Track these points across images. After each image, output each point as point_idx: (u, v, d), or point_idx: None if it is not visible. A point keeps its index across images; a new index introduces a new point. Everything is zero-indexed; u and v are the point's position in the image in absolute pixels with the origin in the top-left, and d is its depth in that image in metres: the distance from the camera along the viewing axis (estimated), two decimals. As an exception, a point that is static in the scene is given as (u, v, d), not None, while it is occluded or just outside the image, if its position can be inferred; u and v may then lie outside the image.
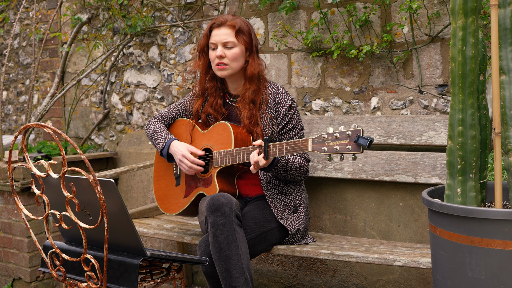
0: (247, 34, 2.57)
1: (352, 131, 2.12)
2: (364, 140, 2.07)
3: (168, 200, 2.77)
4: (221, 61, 2.55)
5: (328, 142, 2.18)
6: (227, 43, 2.54)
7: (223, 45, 2.55)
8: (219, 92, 2.68)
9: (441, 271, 1.78)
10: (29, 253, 3.36)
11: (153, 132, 2.75)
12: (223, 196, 2.35)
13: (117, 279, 1.90)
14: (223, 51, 2.54)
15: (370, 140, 2.06)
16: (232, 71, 2.57)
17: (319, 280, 3.06)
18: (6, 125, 4.84)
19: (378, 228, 2.85)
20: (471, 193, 1.81)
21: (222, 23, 2.55)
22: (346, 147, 2.13)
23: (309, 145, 2.23)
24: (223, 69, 2.56)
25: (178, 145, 2.63)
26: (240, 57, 2.56)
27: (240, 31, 2.55)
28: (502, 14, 1.78)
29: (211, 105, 2.67)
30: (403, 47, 2.89)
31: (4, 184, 3.36)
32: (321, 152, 2.19)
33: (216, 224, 2.30)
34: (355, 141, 2.09)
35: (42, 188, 1.81)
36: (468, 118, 1.79)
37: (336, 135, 2.16)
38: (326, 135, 2.19)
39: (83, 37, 4.13)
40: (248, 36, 2.57)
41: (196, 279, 3.48)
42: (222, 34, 2.54)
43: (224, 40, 2.54)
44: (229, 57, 2.54)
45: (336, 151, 2.15)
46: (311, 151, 2.23)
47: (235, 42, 2.54)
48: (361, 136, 2.08)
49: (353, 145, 2.11)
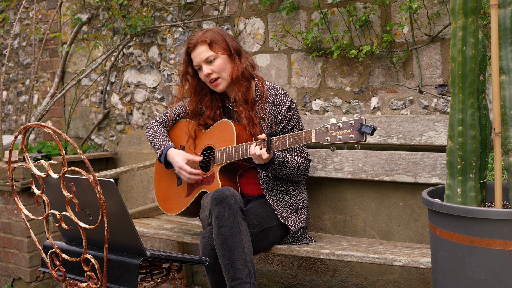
0: (222, 42, 2.59)
1: (355, 120, 2.13)
2: (367, 128, 2.07)
3: (170, 200, 2.77)
4: (212, 77, 2.58)
5: (331, 132, 2.18)
6: (207, 58, 2.57)
7: (205, 63, 2.58)
8: (216, 102, 2.71)
9: (441, 271, 1.78)
10: (29, 253, 3.36)
11: (152, 137, 2.78)
12: (228, 189, 2.36)
13: (117, 279, 1.90)
14: (208, 67, 2.58)
15: (373, 128, 2.06)
16: (226, 82, 2.60)
17: (319, 280, 3.06)
18: (6, 125, 4.84)
19: (378, 228, 2.85)
20: (471, 193, 1.81)
21: (195, 44, 2.59)
22: (349, 136, 2.13)
23: (312, 135, 2.23)
24: (217, 84, 2.60)
25: (174, 155, 2.65)
26: (226, 66, 2.59)
27: (213, 42, 2.58)
28: (502, 14, 1.78)
29: (209, 117, 2.69)
30: (403, 47, 2.89)
31: (4, 184, 3.36)
32: (324, 142, 2.19)
33: (221, 216, 2.30)
34: (358, 129, 2.09)
35: (42, 188, 1.81)
36: (468, 118, 1.79)
37: (339, 125, 2.16)
38: (329, 126, 2.19)
39: (83, 37, 4.13)
40: (224, 43, 2.60)
41: (196, 279, 3.48)
42: (199, 53, 2.58)
43: (204, 58, 2.57)
44: (215, 70, 2.57)
45: (340, 141, 2.15)
46: (314, 142, 2.22)
47: (213, 54, 2.57)
48: (364, 124, 2.08)
49: (357, 134, 2.11)
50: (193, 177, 2.61)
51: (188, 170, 2.60)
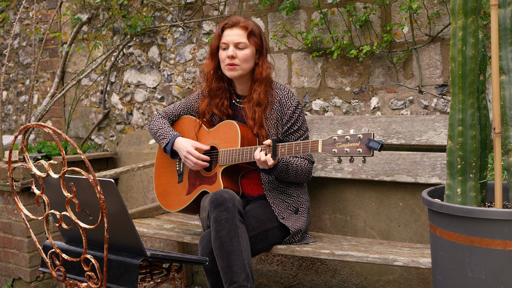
0: (258, 36, 2.59)
1: (363, 134, 2.12)
2: (375, 143, 2.07)
3: (170, 197, 2.77)
4: (232, 61, 2.56)
5: (339, 144, 2.18)
6: (239, 44, 2.55)
7: (234, 46, 2.56)
8: (225, 93, 2.68)
9: (441, 271, 1.78)
10: (29, 253, 3.36)
11: (157, 128, 2.74)
12: (227, 192, 2.36)
13: (117, 279, 1.90)
14: (235, 51, 2.55)
15: (382, 144, 2.06)
16: (242, 72, 2.58)
17: (319, 280, 3.06)
18: (6, 125, 4.84)
19: (378, 228, 2.85)
20: (471, 193, 1.81)
21: (235, 24, 2.57)
22: (357, 150, 2.13)
23: (319, 146, 2.23)
24: (233, 69, 2.57)
25: (182, 142, 2.63)
26: (250, 59, 2.57)
27: (252, 33, 2.56)
28: (502, 14, 1.78)
29: (216, 106, 2.67)
30: (403, 47, 2.89)
31: (4, 184, 3.36)
32: (331, 154, 2.19)
33: (219, 219, 2.30)
34: (366, 144, 2.09)
35: (42, 188, 1.81)
36: (468, 118, 1.79)
37: (347, 138, 2.16)
38: (336, 137, 2.18)
39: (83, 37, 4.13)
40: (259, 39, 2.59)
41: (196, 279, 3.48)
42: (235, 34, 2.56)
43: (236, 41, 2.55)
44: (240, 57, 2.55)
45: (347, 153, 2.15)
46: (321, 153, 2.22)
47: (247, 43, 2.55)
48: (373, 139, 2.08)
49: (364, 148, 2.11)
50: (200, 163, 2.57)
51: (196, 155, 2.57)
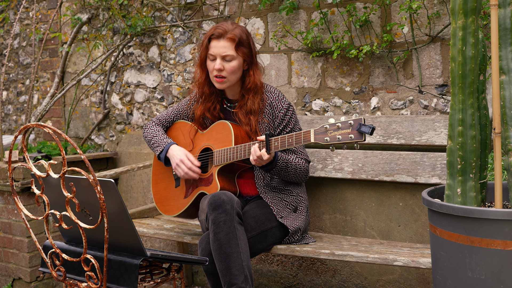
0: (246, 45, 2.55)
1: (354, 120, 2.13)
2: (366, 127, 2.08)
3: (168, 202, 2.77)
4: (220, 74, 2.54)
5: (330, 132, 2.18)
6: (226, 56, 2.52)
7: (222, 58, 2.53)
8: (217, 97, 2.68)
9: (441, 271, 1.78)
10: (29, 253, 3.36)
11: (151, 136, 2.74)
12: (225, 193, 2.36)
13: (117, 279, 1.90)
14: (222, 64, 2.53)
15: (373, 128, 2.06)
16: (230, 84, 2.58)
17: (319, 280, 3.06)
18: (6, 125, 4.84)
19: (378, 228, 2.85)
20: (471, 193, 1.81)
21: (221, 35, 2.52)
22: (348, 136, 2.13)
23: (311, 136, 2.23)
24: (221, 82, 2.56)
25: (176, 150, 2.63)
26: (238, 70, 2.56)
27: (240, 43, 2.52)
28: (502, 14, 1.78)
29: (209, 110, 2.67)
30: (403, 47, 2.89)
31: (4, 184, 3.36)
32: (323, 142, 2.19)
33: (217, 221, 2.30)
34: (358, 129, 2.10)
35: (42, 188, 1.81)
36: (468, 118, 1.79)
37: (338, 125, 2.16)
38: (328, 126, 2.19)
39: (83, 37, 4.13)
40: (248, 48, 2.55)
41: (196, 279, 3.48)
42: (221, 47, 2.52)
43: (223, 53, 2.52)
44: (227, 70, 2.53)
45: (339, 141, 2.16)
46: (313, 142, 2.22)
47: (234, 55, 2.52)
48: (363, 124, 2.09)
49: (356, 134, 2.12)
50: (191, 173, 2.58)
51: (188, 165, 2.57)
